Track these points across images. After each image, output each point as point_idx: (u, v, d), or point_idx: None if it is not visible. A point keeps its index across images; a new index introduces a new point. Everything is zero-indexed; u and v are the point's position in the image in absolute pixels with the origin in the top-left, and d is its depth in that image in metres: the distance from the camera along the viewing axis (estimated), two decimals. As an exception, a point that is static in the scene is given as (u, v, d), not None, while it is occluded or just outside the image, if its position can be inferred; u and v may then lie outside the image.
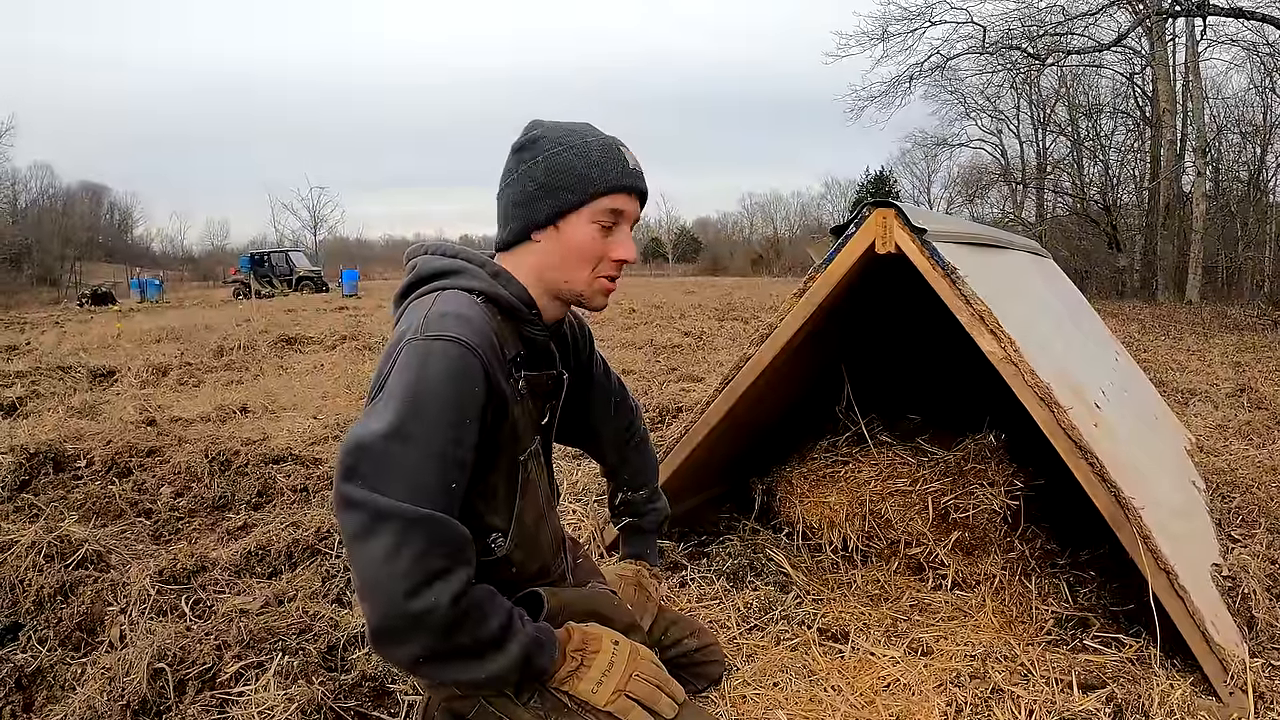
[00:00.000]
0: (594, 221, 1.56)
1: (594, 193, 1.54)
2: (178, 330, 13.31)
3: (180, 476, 4.24)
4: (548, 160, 1.55)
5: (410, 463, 1.34)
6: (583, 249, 1.56)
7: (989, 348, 2.31)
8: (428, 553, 1.31)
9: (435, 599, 1.31)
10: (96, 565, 2.93)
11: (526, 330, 1.61)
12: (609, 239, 1.58)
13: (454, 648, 1.36)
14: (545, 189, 1.55)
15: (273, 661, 2.21)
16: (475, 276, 1.56)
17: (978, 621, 2.68)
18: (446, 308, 1.47)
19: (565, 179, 1.54)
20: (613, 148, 1.58)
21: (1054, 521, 3.17)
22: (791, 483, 3.28)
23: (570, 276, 1.59)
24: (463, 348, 1.41)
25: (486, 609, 1.41)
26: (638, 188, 1.60)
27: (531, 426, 1.66)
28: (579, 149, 1.56)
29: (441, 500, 1.36)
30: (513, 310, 1.58)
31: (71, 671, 2.33)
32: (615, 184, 1.55)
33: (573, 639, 1.57)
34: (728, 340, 11.13)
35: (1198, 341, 11.59)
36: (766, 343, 2.67)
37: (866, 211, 2.45)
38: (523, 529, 1.64)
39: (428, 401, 1.36)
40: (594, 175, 1.54)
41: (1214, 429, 5.56)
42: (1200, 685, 2.23)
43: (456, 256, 1.61)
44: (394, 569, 1.29)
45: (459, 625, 1.34)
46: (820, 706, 2.16)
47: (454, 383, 1.39)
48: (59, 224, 57.07)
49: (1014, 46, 25.05)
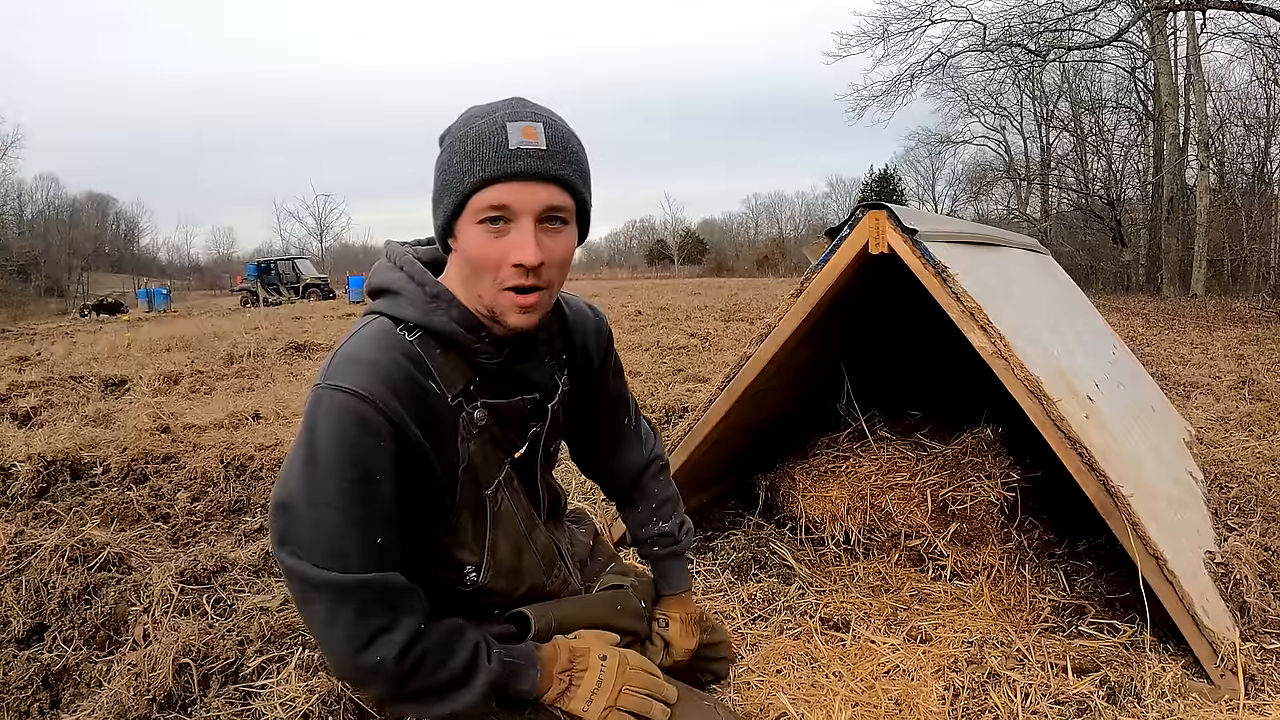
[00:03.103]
0: (478, 223, 1.30)
1: (466, 191, 1.29)
2: (187, 339, 13.43)
3: (196, 482, 4.33)
4: (438, 162, 1.36)
5: (328, 528, 1.29)
6: (474, 259, 1.32)
7: (979, 343, 2.38)
8: (363, 615, 1.29)
9: (380, 656, 1.29)
10: (118, 567, 3.01)
11: (475, 360, 1.43)
12: (504, 240, 1.30)
13: (411, 693, 1.35)
14: (436, 198, 1.36)
15: (293, 655, 2.29)
16: (411, 301, 1.39)
17: (976, 610, 2.75)
18: (354, 349, 1.35)
19: (445, 180, 1.33)
20: (495, 128, 1.28)
21: (1053, 512, 3.23)
22: (794, 478, 3.36)
23: (480, 290, 1.35)
24: (360, 401, 1.28)
25: (444, 653, 1.36)
26: (520, 171, 1.27)
27: (500, 455, 1.51)
28: (459, 139, 1.31)
29: (370, 560, 1.30)
30: (453, 339, 1.39)
31: (97, 669, 2.40)
32: (487, 175, 1.27)
33: (559, 658, 1.50)
34: (733, 341, 11.19)
35: (1201, 335, 11.61)
36: (766, 342, 2.75)
37: (859, 213, 2.53)
38: (498, 560, 1.53)
39: (326, 465, 1.28)
40: (465, 169, 1.29)
41: (1215, 421, 5.61)
42: (1192, 668, 2.30)
43: (400, 270, 1.43)
44: (334, 633, 1.30)
45: (412, 675, 1.32)
46: (821, 692, 2.23)
47: (348, 443, 1.28)
48: (65, 235, 57.40)
49: (1015, 43, 25.05)
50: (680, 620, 1.88)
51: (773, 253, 61.20)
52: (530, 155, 1.28)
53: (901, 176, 53.74)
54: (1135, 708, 2.12)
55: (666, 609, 1.89)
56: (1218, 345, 10.22)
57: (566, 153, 1.33)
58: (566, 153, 1.33)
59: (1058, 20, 24.00)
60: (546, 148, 1.30)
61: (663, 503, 1.93)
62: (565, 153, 1.33)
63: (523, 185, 1.28)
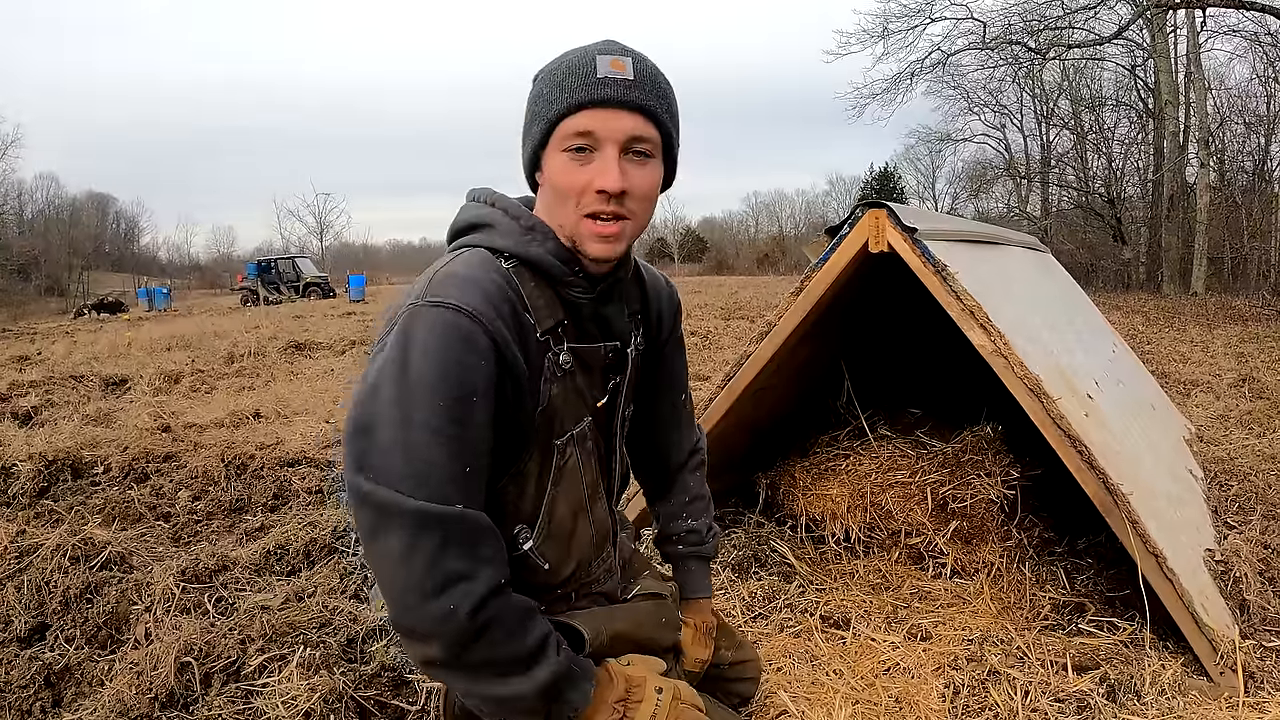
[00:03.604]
0: (564, 151, 1.31)
1: (554, 117, 1.31)
2: (188, 338, 13.44)
3: (197, 481, 4.34)
4: (529, 98, 1.37)
5: (417, 451, 1.20)
6: (557, 186, 1.33)
7: (979, 341, 2.38)
8: (443, 554, 1.19)
9: (453, 606, 1.19)
10: (120, 566, 3.02)
11: (568, 294, 1.40)
12: (588, 167, 1.31)
13: (471, 662, 1.24)
14: (525, 130, 1.38)
15: (295, 654, 2.29)
16: (505, 232, 1.38)
17: (976, 608, 2.75)
18: (456, 268, 1.32)
19: (534, 110, 1.35)
20: (585, 58, 1.31)
21: (1053, 510, 3.24)
22: (794, 476, 3.36)
23: (562, 220, 1.36)
24: (463, 316, 1.24)
25: (516, 626, 1.27)
26: (607, 98, 1.29)
27: (580, 406, 1.46)
28: (550, 72, 1.34)
29: (456, 490, 1.22)
30: (548, 270, 1.37)
31: (99, 668, 2.42)
32: (575, 101, 1.29)
33: (615, 687, 1.41)
34: (734, 339, 11.19)
35: (1201, 333, 11.61)
36: (766, 340, 2.75)
37: (859, 212, 2.53)
38: (553, 522, 1.45)
39: (423, 378, 1.21)
40: (553, 98, 1.31)
41: (1215, 419, 5.61)
42: (1191, 666, 2.30)
43: (494, 205, 1.43)
44: (409, 572, 1.19)
45: (478, 638, 1.22)
46: (822, 689, 2.24)
47: (452, 356, 1.23)
48: (66, 234, 57.40)
49: (1015, 41, 25.05)
50: (695, 627, 1.79)
51: (773, 251, 61.18)
52: (617, 83, 1.29)
53: (902, 174, 53.67)
54: (1135, 705, 2.12)
55: (684, 613, 1.80)
56: (1218, 343, 10.22)
57: (655, 86, 1.34)
58: (655, 86, 1.34)
59: (1058, 18, 24.03)
60: (634, 78, 1.31)
61: (695, 499, 1.87)
62: (654, 85, 1.34)
63: (608, 112, 1.29)
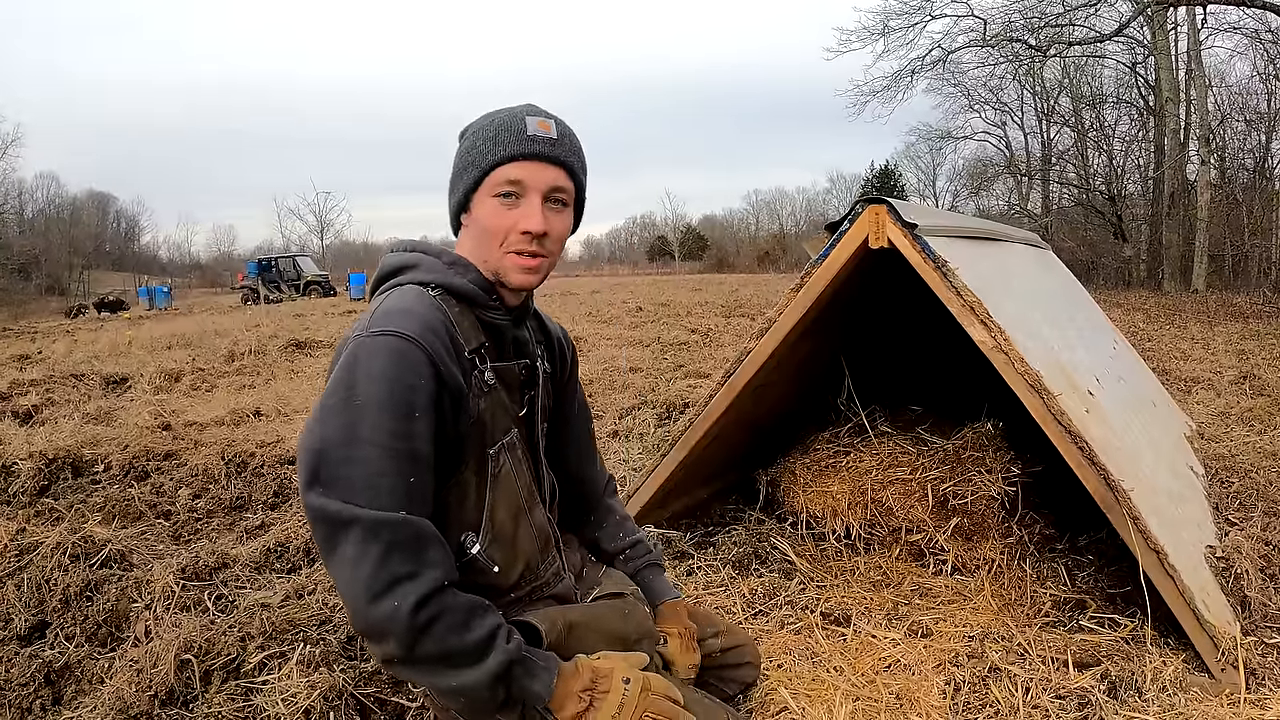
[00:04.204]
0: (494, 196, 1.52)
1: (487, 166, 1.51)
2: (188, 336, 13.43)
3: (197, 479, 4.34)
4: (461, 146, 1.57)
5: (363, 464, 1.33)
6: (486, 225, 1.53)
7: (979, 337, 2.38)
8: (389, 557, 1.31)
9: (397, 604, 1.30)
10: (120, 564, 3.01)
11: (488, 316, 1.58)
12: (514, 211, 1.52)
13: (422, 656, 1.34)
14: (456, 175, 1.57)
15: (295, 651, 2.29)
16: (430, 269, 1.56)
17: (976, 604, 2.75)
18: (392, 304, 1.47)
19: (467, 159, 1.54)
20: (515, 118, 1.53)
21: (1053, 507, 3.24)
22: (795, 473, 3.36)
23: (486, 255, 1.55)
24: (405, 341, 1.39)
25: (463, 619, 1.36)
26: (536, 153, 1.51)
27: (506, 419, 1.61)
28: (481, 129, 1.55)
29: (400, 499, 1.35)
30: (470, 297, 1.55)
31: (99, 666, 2.41)
32: (507, 154, 1.50)
33: (581, 676, 1.48)
34: (734, 337, 11.19)
35: (1202, 330, 11.60)
36: (766, 336, 2.75)
37: (859, 208, 2.53)
38: (495, 526, 1.57)
39: (370, 399, 1.35)
40: (487, 149, 1.51)
41: (1216, 416, 5.61)
42: (1193, 662, 2.30)
43: (414, 250, 1.62)
44: (357, 575, 1.30)
45: (425, 632, 1.32)
46: (822, 686, 2.24)
47: (395, 377, 1.37)
48: (66, 233, 57.41)
49: (1015, 39, 25.04)
50: (678, 635, 1.84)
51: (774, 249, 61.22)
52: (544, 140, 1.53)
53: (902, 172, 53.74)
54: (1136, 702, 2.12)
55: (663, 624, 1.85)
56: (1219, 340, 10.22)
57: (572, 145, 1.58)
58: (572, 145, 1.58)
59: (1058, 15, 24.01)
60: (556, 138, 1.54)
61: (625, 518, 2.02)
62: (571, 145, 1.58)
63: (535, 165, 1.52)
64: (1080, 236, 29.65)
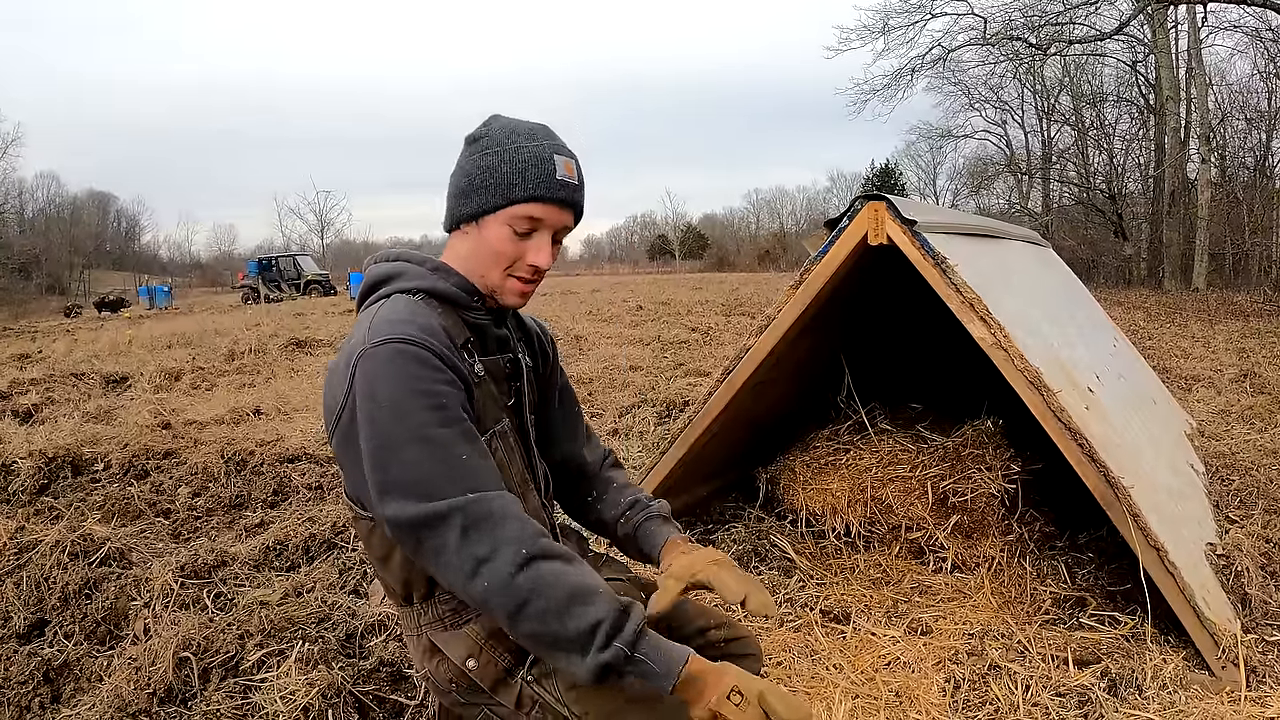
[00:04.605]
0: (509, 225, 1.56)
1: (512, 199, 1.55)
2: (188, 335, 13.44)
3: (197, 477, 4.33)
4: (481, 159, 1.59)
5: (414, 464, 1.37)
6: (495, 251, 1.58)
7: (979, 334, 2.37)
8: (465, 540, 1.34)
9: (486, 584, 1.32)
10: (119, 562, 3.01)
11: (470, 317, 1.62)
12: (525, 243, 1.58)
13: (528, 631, 1.33)
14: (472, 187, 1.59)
15: (293, 649, 2.29)
16: (414, 276, 1.60)
17: (976, 602, 2.74)
18: (385, 314, 1.51)
19: (490, 180, 1.57)
20: (545, 158, 1.57)
21: (1054, 504, 3.23)
22: (795, 471, 3.35)
23: (485, 272, 1.60)
24: (408, 344, 1.43)
25: (564, 604, 1.33)
26: (561, 199, 1.58)
27: (496, 409, 1.64)
28: (509, 154, 1.57)
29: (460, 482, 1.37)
30: (453, 300, 1.60)
31: (98, 664, 2.41)
32: (534, 194, 1.55)
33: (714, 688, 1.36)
34: (734, 335, 11.17)
35: (1203, 328, 11.59)
36: (765, 333, 2.74)
37: (859, 204, 2.52)
38: None
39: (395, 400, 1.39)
40: (515, 183, 1.55)
41: (1216, 414, 5.61)
42: (1193, 660, 2.29)
43: (398, 260, 1.65)
44: (448, 566, 1.35)
45: (521, 610, 1.32)
46: (822, 684, 2.24)
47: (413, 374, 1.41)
48: (67, 233, 57.42)
49: (1015, 37, 25.01)
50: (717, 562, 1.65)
51: (774, 247, 61.19)
52: (570, 187, 1.58)
53: (903, 171, 53.65)
54: (1136, 699, 2.11)
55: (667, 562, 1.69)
56: (1219, 339, 10.21)
57: (584, 189, 1.63)
58: (584, 189, 1.63)
59: (1058, 14, 23.97)
60: (577, 183, 1.60)
61: (625, 485, 1.94)
62: (582, 188, 1.63)
63: (555, 209, 1.57)
64: (1081, 235, 29.61)
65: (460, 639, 1.56)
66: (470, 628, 1.56)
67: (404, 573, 1.56)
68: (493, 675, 1.55)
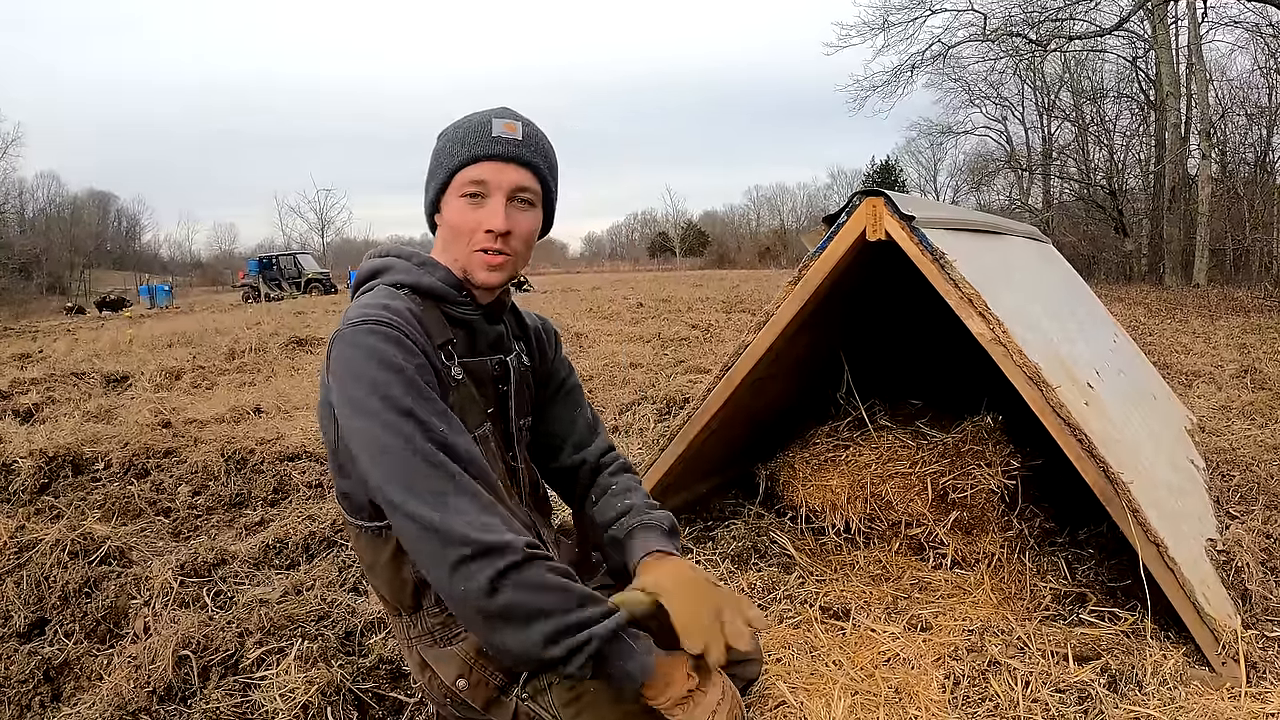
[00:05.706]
0: (460, 196, 1.56)
1: (454, 167, 1.55)
2: (189, 334, 13.44)
3: (197, 476, 4.33)
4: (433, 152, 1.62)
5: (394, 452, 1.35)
6: (454, 225, 1.57)
7: (978, 329, 2.37)
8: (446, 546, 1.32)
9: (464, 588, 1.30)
10: (119, 561, 3.01)
11: (457, 312, 1.61)
12: (479, 210, 1.56)
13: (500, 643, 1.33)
14: (429, 177, 1.62)
15: (293, 647, 2.29)
16: (401, 270, 1.61)
17: (976, 598, 2.74)
18: (364, 300, 1.53)
19: (437, 161, 1.59)
20: (481, 122, 1.57)
21: (1053, 500, 3.23)
22: (794, 468, 3.35)
23: (456, 254, 1.59)
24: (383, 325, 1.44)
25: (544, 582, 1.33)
26: (499, 154, 1.54)
27: (477, 413, 1.62)
28: (450, 132, 1.59)
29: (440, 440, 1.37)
30: (438, 294, 1.59)
31: (98, 662, 2.41)
32: (472, 155, 1.54)
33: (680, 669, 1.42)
34: (735, 332, 11.17)
35: (1204, 324, 11.59)
36: (764, 330, 2.74)
37: (857, 200, 2.52)
38: None
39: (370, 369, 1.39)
40: (454, 151, 1.56)
41: (1217, 409, 5.60)
42: (1193, 656, 2.29)
43: (388, 255, 1.66)
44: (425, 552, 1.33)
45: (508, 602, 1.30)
46: (821, 680, 2.23)
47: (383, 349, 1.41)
48: (67, 232, 57.45)
49: (1015, 33, 25.01)
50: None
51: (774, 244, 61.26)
52: (508, 142, 1.55)
53: (903, 167, 53.78)
54: (1136, 695, 2.11)
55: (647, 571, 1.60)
56: (1220, 334, 10.21)
57: (538, 146, 1.60)
58: (538, 146, 1.60)
59: (1058, 10, 23.97)
60: (522, 139, 1.57)
61: (625, 490, 1.81)
62: (537, 146, 1.60)
63: (499, 165, 1.55)
64: (1081, 231, 29.61)
65: (450, 658, 1.53)
66: (459, 646, 1.53)
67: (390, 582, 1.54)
68: (484, 695, 1.52)
